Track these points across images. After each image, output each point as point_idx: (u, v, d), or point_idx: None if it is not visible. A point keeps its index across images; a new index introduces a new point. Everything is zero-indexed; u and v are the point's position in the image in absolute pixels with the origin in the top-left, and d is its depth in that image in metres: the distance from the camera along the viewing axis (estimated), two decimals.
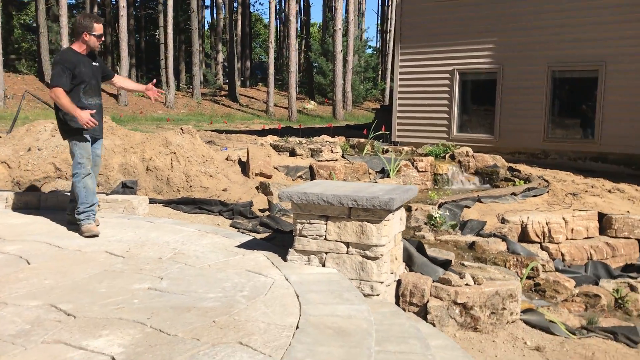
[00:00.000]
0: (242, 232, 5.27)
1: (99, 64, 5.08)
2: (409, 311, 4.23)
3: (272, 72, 31.25)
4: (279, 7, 49.02)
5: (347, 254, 3.95)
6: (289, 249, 4.15)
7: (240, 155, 8.40)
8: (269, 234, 5.32)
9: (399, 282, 4.32)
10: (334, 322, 3.02)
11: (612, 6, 10.65)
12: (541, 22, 11.36)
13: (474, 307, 4.22)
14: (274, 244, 4.73)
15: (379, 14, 52.81)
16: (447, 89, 12.57)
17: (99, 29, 4.89)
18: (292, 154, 9.33)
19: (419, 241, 5.03)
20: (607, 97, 10.85)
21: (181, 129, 7.85)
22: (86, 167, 4.88)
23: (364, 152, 10.48)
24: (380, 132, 12.65)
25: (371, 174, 9.11)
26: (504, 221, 7.14)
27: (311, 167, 8.59)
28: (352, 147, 10.79)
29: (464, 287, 4.30)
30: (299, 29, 47.12)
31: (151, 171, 7.14)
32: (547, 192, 8.44)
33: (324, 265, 4.02)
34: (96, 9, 34.20)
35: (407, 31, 13.08)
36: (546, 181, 9.04)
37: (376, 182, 7.78)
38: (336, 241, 3.97)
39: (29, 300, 3.22)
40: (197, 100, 33.50)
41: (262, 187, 7.28)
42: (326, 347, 2.70)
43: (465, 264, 5.18)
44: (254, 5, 78.70)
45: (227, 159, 8.23)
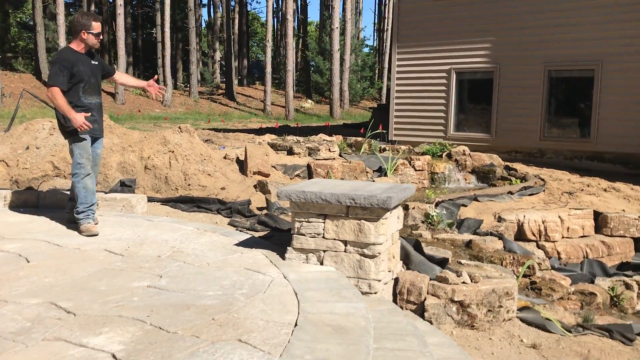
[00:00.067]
0: (240, 231, 5.30)
1: (99, 62, 5.04)
2: (407, 309, 4.26)
3: (269, 70, 31.27)
4: (276, 5, 49.07)
5: (345, 252, 3.97)
6: (287, 247, 4.18)
7: (238, 153, 8.41)
8: (267, 232, 5.35)
9: (397, 280, 4.35)
10: (333, 320, 3.05)
11: (609, 6, 10.69)
12: (538, 22, 11.40)
13: (470, 305, 4.25)
14: (272, 242, 4.75)
15: (376, 13, 52.94)
16: (444, 88, 12.60)
17: (97, 27, 4.85)
18: (290, 152, 9.36)
19: (416, 239, 5.06)
20: (603, 96, 10.90)
21: (179, 128, 7.86)
22: (85, 167, 4.86)
23: (362, 150, 10.51)
24: (377, 131, 12.67)
25: (368, 172, 9.14)
26: (500, 220, 7.17)
27: (309, 166, 8.62)
28: (350, 146, 10.81)
29: (461, 285, 4.34)
30: (296, 28, 47.09)
31: (149, 170, 7.15)
32: (544, 191, 8.48)
33: (322, 263, 4.04)
34: (93, 7, 34.11)
35: (404, 30, 13.10)
36: (542, 180, 9.08)
37: (373, 181, 7.80)
38: (334, 239, 3.99)
39: (29, 298, 3.24)
40: (195, 98, 33.46)
41: (260, 186, 7.30)
42: (325, 345, 2.73)
43: (462, 262, 5.22)
44: (251, 3, 78.85)
45: (225, 158, 8.25)
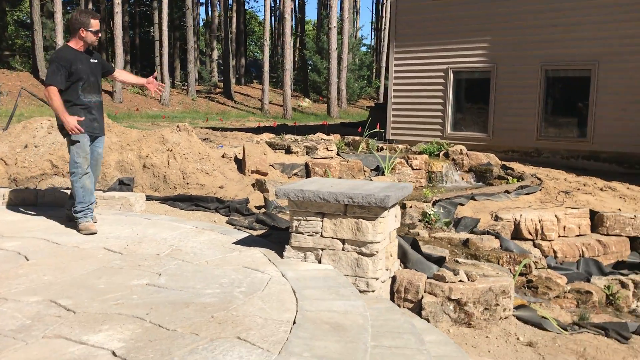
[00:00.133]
0: (238, 229, 5.32)
1: (98, 60, 5.02)
2: (404, 307, 4.28)
3: (267, 69, 31.30)
4: (273, 4, 49.05)
5: (343, 250, 3.99)
6: (286, 246, 4.20)
7: (236, 152, 8.43)
8: (265, 230, 5.37)
9: (394, 278, 4.38)
10: (331, 318, 3.07)
11: (606, 6, 10.73)
12: (535, 22, 11.44)
13: (467, 303, 4.28)
14: (270, 240, 4.77)
15: (374, 12, 52.99)
16: (441, 88, 12.63)
17: (95, 24, 4.84)
18: (288, 151, 9.37)
19: (414, 238, 5.09)
20: (599, 96, 10.95)
21: (177, 127, 7.87)
22: (83, 166, 4.85)
23: (359, 149, 10.53)
24: (374, 130, 12.70)
25: (366, 171, 9.16)
26: (497, 219, 7.21)
27: (307, 165, 8.63)
28: (347, 145, 10.83)
29: (457, 283, 4.36)
30: (294, 27, 47.03)
31: (148, 168, 7.17)
32: (540, 190, 8.52)
33: (320, 261, 4.06)
34: (91, 5, 34.03)
35: (402, 29, 13.13)
36: (539, 179, 9.12)
37: (371, 180, 7.82)
38: (332, 238, 4.01)
39: (29, 295, 3.26)
40: (192, 97, 33.45)
41: (258, 185, 7.32)
42: (323, 342, 2.75)
43: (459, 260, 5.25)
44: (249, 2, 78.69)
45: (223, 157, 8.26)
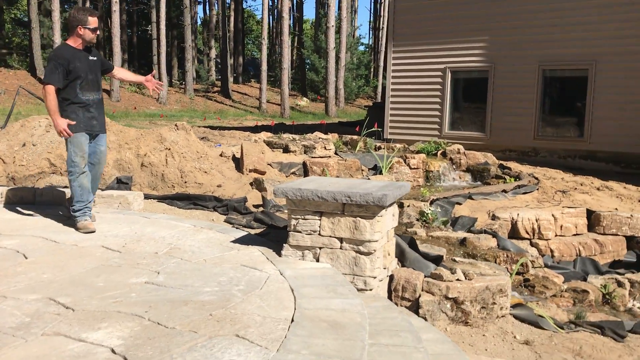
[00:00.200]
0: (236, 228, 5.33)
1: (97, 58, 5.00)
2: (401, 306, 4.30)
3: (264, 68, 31.27)
4: (271, 3, 49.00)
5: (340, 249, 4.01)
6: (284, 244, 4.21)
7: (234, 151, 8.44)
8: (263, 229, 5.38)
9: (392, 277, 4.39)
10: (329, 316, 3.09)
11: (603, 6, 10.76)
12: (533, 22, 11.46)
13: (464, 301, 4.30)
14: (268, 239, 4.78)
15: (372, 12, 52.96)
16: (439, 87, 12.65)
17: (93, 22, 4.83)
18: (286, 150, 9.39)
19: (411, 237, 5.11)
20: (597, 96, 10.97)
21: (175, 125, 7.88)
22: (80, 165, 4.84)
23: (357, 149, 10.55)
24: (372, 129, 12.72)
25: (364, 170, 9.18)
26: (494, 218, 7.23)
27: (304, 164, 8.65)
28: (345, 144, 10.85)
29: (455, 282, 4.38)
30: (292, 26, 47.08)
31: (146, 167, 7.18)
32: (537, 189, 8.55)
33: (318, 260, 4.08)
34: (88, 4, 33.98)
35: (400, 29, 13.15)
36: (536, 179, 9.14)
37: (369, 179, 7.84)
38: (330, 237, 4.03)
39: (28, 293, 3.27)
40: (190, 96, 33.43)
41: (256, 183, 7.33)
42: (321, 340, 2.76)
43: (456, 259, 5.27)
44: (247, 1, 78.64)
45: (221, 155, 8.27)
